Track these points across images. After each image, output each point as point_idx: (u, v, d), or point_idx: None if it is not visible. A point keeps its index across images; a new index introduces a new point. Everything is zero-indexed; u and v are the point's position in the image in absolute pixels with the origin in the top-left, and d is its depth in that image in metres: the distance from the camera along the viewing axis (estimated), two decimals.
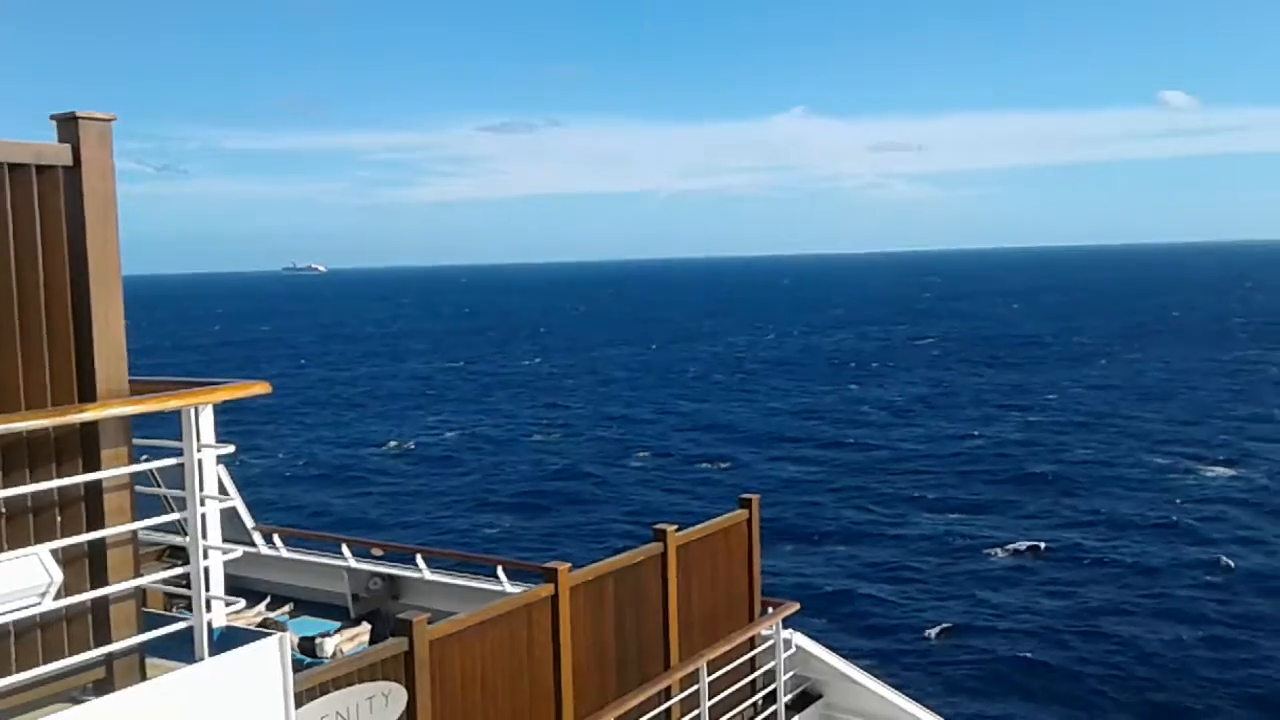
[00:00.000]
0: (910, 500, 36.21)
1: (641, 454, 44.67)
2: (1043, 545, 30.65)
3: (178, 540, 7.04)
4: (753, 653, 10.67)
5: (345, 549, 11.70)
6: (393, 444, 47.94)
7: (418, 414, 58.02)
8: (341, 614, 11.07)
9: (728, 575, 10.46)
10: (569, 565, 8.56)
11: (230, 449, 6.30)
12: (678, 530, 9.74)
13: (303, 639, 9.49)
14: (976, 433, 47.49)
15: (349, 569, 11.48)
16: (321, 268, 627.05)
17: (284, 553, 12.04)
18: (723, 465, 42.20)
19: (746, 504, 10.77)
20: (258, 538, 11.74)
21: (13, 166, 5.36)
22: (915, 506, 35.40)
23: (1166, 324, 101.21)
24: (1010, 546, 30.65)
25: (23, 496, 5.30)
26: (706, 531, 10.19)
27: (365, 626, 10.21)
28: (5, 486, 5.24)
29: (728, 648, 10.09)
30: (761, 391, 62.71)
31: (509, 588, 10.45)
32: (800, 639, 11.01)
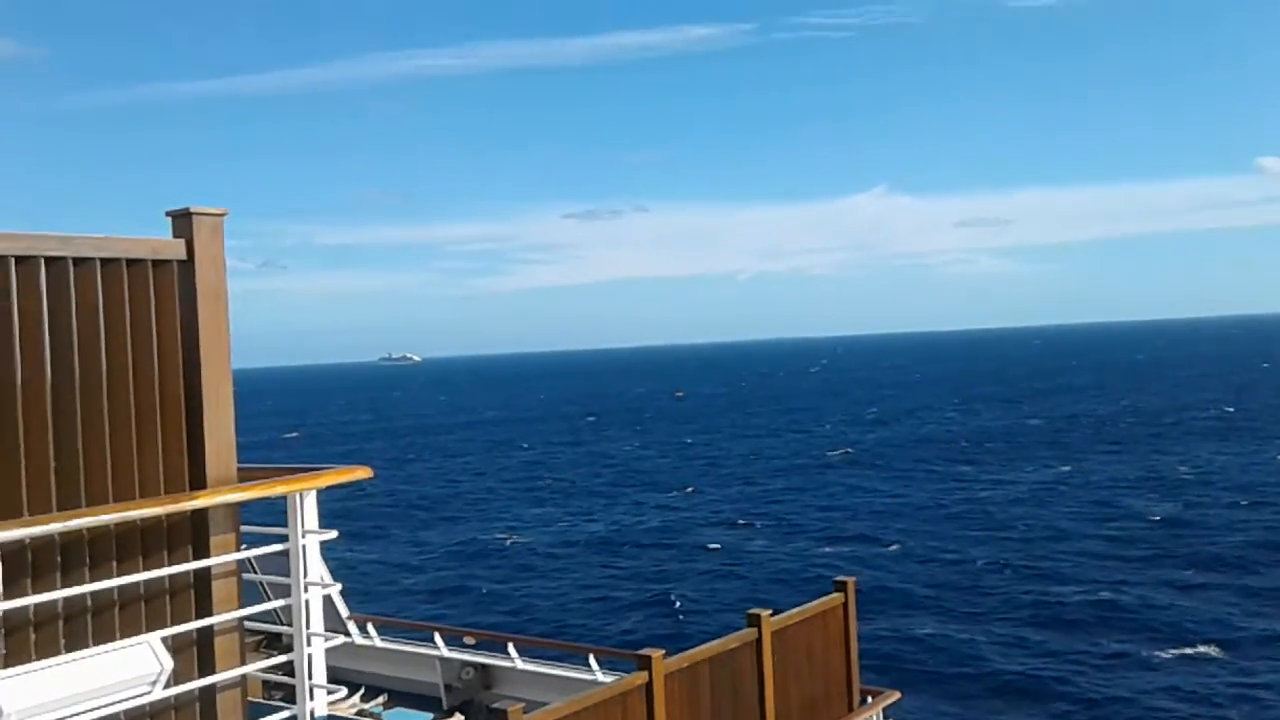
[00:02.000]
0: (1055, 580, 33.23)
1: (755, 537, 43.63)
2: (1230, 634, 26.90)
3: (271, 628, 7.15)
4: None
5: (438, 638, 11.74)
6: (501, 533, 47.70)
7: (524, 499, 57.96)
8: (434, 705, 11.07)
9: (825, 662, 10.24)
10: (663, 652, 8.45)
11: (333, 535, 6.42)
12: (773, 615, 9.60)
13: None
14: (1121, 510, 44.79)
15: (442, 658, 11.49)
16: (416, 357, 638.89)
17: (377, 642, 12.11)
18: (844, 545, 40.78)
19: (842, 587, 10.58)
20: (352, 626, 11.86)
21: (130, 261, 5.61)
22: (1062, 588, 32.35)
23: None
24: (1188, 636, 27.03)
25: (136, 584, 5.47)
26: (802, 616, 10.01)
27: (458, 718, 10.20)
28: (119, 574, 5.42)
29: None
30: (879, 472, 61.08)
31: (601, 676, 10.36)
32: None
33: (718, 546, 42.04)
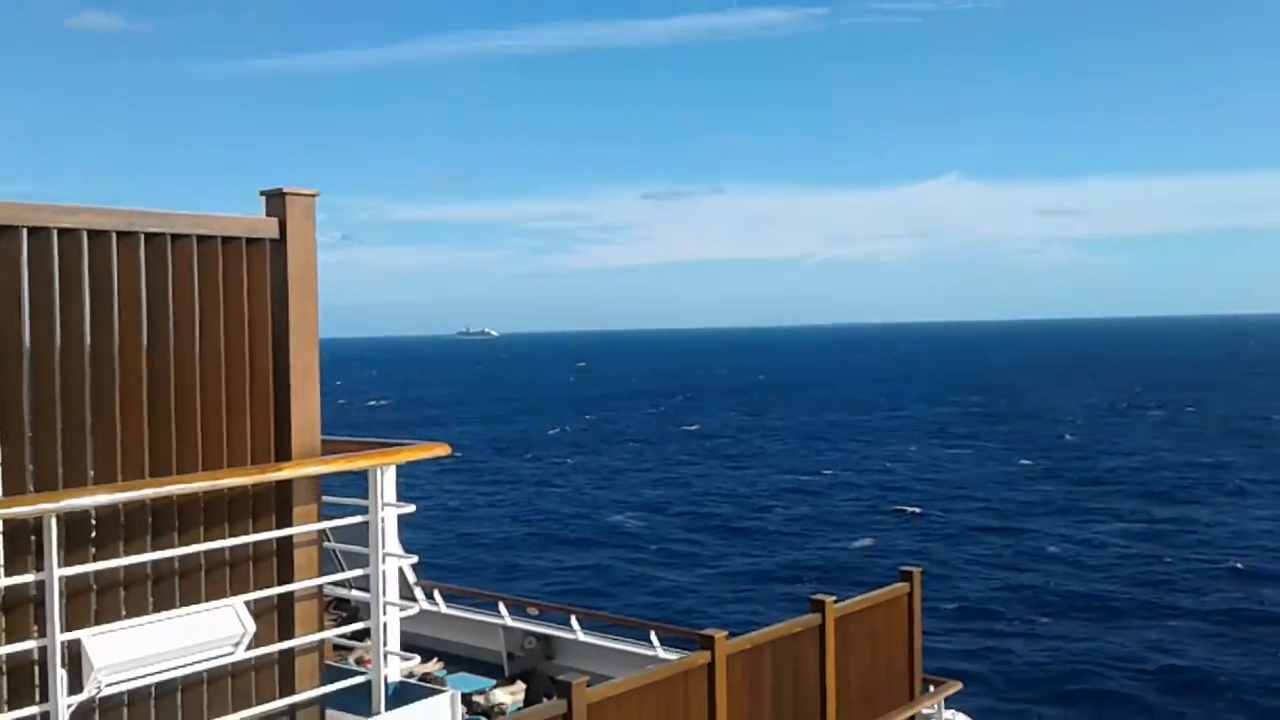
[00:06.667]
0: (1168, 587, 30.68)
1: (840, 516, 42.80)
2: None
3: (343, 593, 7.40)
4: None
5: (502, 607, 12.00)
6: (585, 509, 47.24)
7: (612, 476, 57.60)
8: (496, 672, 11.33)
9: (888, 650, 10.27)
10: (726, 633, 8.54)
11: (411, 509, 6.62)
12: (837, 602, 9.65)
13: (462, 695, 9.76)
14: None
15: (505, 627, 11.74)
16: (493, 333, 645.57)
17: (442, 608, 12.41)
18: (935, 534, 39.30)
19: (908, 577, 10.59)
20: (419, 593, 12.17)
21: (226, 239, 5.82)
22: (1174, 595, 29.82)
23: None
24: None
25: (221, 549, 5.73)
26: (866, 604, 10.05)
27: (521, 685, 10.48)
28: (206, 539, 5.67)
29: None
30: (975, 459, 58.91)
31: (662, 653, 10.52)
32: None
33: (786, 521, 41.10)
